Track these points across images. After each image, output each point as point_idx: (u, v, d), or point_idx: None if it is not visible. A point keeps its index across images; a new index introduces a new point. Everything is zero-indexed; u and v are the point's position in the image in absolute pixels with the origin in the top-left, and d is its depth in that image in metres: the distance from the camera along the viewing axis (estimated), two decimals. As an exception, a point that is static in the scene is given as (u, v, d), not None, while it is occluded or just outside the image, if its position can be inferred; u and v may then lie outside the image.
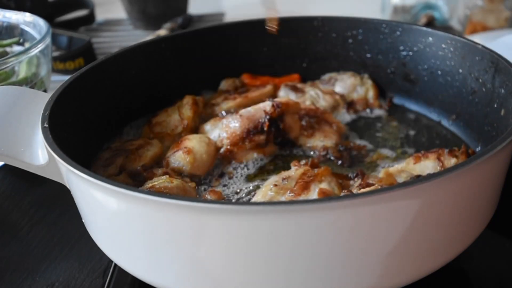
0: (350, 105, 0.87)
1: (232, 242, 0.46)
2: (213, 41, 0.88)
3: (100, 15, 1.52)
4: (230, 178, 0.71)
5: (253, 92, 0.86)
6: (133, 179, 0.67)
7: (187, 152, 0.70)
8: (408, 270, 0.50)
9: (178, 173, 0.70)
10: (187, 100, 0.81)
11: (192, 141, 0.73)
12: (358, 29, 0.87)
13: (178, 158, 0.70)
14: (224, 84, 0.90)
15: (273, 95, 0.88)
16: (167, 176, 0.65)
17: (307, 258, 0.46)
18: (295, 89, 0.88)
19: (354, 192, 0.62)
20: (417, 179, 0.45)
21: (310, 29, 0.89)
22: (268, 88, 0.88)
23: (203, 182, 0.71)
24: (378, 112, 0.87)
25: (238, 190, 0.69)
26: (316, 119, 0.81)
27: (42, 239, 0.72)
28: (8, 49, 1.01)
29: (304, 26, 0.90)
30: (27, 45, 1.00)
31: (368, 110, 0.87)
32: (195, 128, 0.80)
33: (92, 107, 0.73)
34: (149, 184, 0.63)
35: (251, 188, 0.69)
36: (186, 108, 0.80)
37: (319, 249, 0.46)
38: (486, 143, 0.72)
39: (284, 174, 0.65)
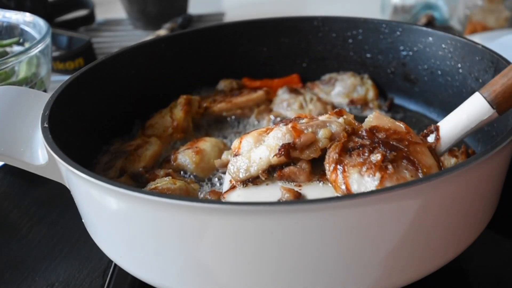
0: (350, 105, 0.87)
1: (232, 242, 0.46)
2: (213, 41, 0.88)
3: (100, 15, 1.52)
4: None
5: (240, 97, 0.86)
6: (136, 180, 0.67)
7: (196, 152, 0.70)
8: (408, 270, 0.50)
9: (182, 169, 0.70)
10: (180, 100, 0.81)
11: (206, 143, 0.73)
12: (358, 29, 0.87)
13: (186, 155, 0.70)
14: (221, 84, 0.90)
15: (267, 99, 0.88)
16: (170, 177, 0.65)
17: (307, 258, 0.46)
18: (292, 90, 0.88)
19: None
20: (417, 179, 0.45)
21: (310, 29, 0.89)
22: (259, 93, 0.87)
23: (205, 183, 0.70)
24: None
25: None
26: (396, 152, 0.53)
27: (42, 239, 0.72)
28: (8, 49, 1.01)
29: (304, 26, 0.90)
30: (27, 45, 1.00)
31: (368, 110, 0.87)
32: (187, 128, 0.80)
33: (92, 107, 0.73)
34: (152, 186, 0.63)
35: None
36: (178, 109, 0.80)
37: (319, 249, 0.46)
38: (486, 143, 0.72)
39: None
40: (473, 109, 0.57)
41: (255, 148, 0.57)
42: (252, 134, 0.59)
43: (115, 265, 0.65)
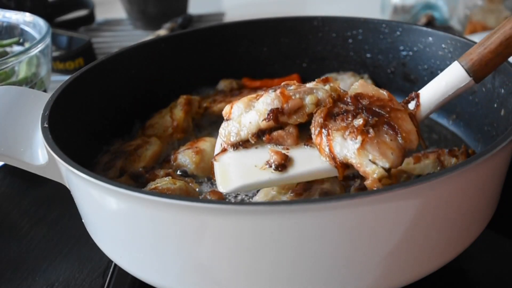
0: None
1: (232, 242, 0.46)
2: (213, 41, 0.88)
3: (100, 15, 1.52)
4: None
5: (240, 97, 0.86)
6: (135, 180, 0.67)
7: (196, 152, 0.70)
8: (408, 270, 0.50)
9: (182, 169, 0.70)
10: (180, 100, 0.81)
11: (206, 143, 0.73)
12: (358, 29, 0.87)
13: (186, 155, 0.70)
14: (221, 84, 0.90)
15: None
16: (170, 177, 0.65)
17: (306, 258, 0.46)
18: None
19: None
20: (417, 179, 0.45)
21: (310, 29, 0.89)
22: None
23: (205, 183, 0.71)
24: (378, 112, 0.86)
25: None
26: (378, 118, 0.55)
27: (42, 239, 0.72)
28: (8, 49, 1.01)
29: (304, 26, 0.90)
30: (27, 45, 1.00)
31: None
32: (187, 128, 0.80)
33: (92, 107, 0.73)
34: (152, 186, 0.63)
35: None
36: (178, 109, 0.80)
37: (318, 248, 0.46)
38: (486, 143, 0.72)
39: None
40: (452, 77, 0.60)
41: (245, 113, 0.60)
42: (242, 100, 0.61)
43: (115, 265, 0.65)
